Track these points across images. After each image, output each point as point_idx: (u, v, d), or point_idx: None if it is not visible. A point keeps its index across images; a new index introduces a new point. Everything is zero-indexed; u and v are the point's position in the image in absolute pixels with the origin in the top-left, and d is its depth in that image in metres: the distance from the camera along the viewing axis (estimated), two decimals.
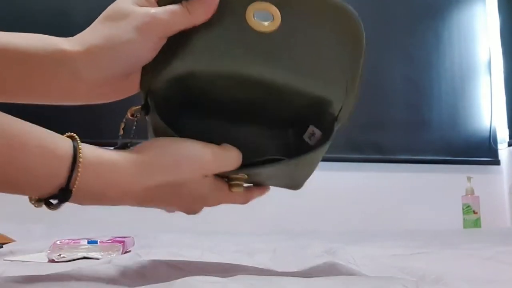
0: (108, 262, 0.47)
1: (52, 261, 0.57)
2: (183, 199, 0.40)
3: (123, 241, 0.54)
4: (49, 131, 0.34)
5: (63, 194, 0.33)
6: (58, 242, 0.57)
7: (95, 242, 0.51)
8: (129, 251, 0.62)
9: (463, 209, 1.93)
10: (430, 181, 2.14)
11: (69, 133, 0.35)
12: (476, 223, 1.88)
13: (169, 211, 0.44)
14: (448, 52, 2.28)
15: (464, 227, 1.90)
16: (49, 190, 0.33)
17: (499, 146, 2.24)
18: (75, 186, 0.33)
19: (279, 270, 0.50)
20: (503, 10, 2.35)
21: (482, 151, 2.22)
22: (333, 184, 2.01)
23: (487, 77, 2.30)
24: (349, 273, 0.48)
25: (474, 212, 1.89)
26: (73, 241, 0.56)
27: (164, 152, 0.37)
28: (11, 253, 0.66)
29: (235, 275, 0.44)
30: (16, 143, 0.31)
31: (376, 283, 0.34)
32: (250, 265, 0.51)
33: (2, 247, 0.72)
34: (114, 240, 0.55)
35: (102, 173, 0.34)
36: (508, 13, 2.32)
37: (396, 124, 2.18)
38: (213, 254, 0.57)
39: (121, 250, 0.58)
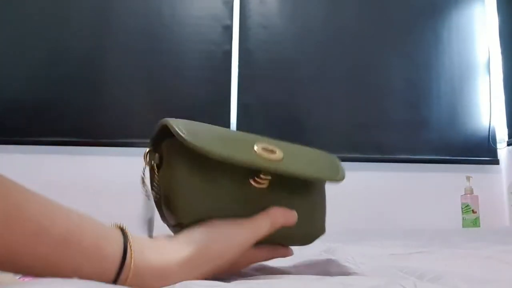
0: None
1: None
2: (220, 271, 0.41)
3: None
4: (98, 223, 0.34)
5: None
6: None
7: None
8: None
9: (462, 208, 1.93)
10: (429, 181, 2.14)
11: (119, 224, 0.35)
12: (475, 222, 1.88)
13: None
14: (447, 52, 2.28)
15: (463, 226, 1.90)
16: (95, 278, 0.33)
17: (498, 146, 2.24)
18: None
19: (278, 269, 0.50)
20: (502, 10, 2.35)
21: (481, 151, 2.22)
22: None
23: (486, 76, 2.30)
24: (348, 272, 0.48)
25: (473, 211, 1.89)
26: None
27: (208, 246, 0.38)
28: None
29: (233, 275, 0.44)
30: (73, 239, 0.31)
31: (375, 283, 0.34)
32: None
33: None
34: None
35: (149, 278, 0.35)
36: (507, 13, 2.32)
37: (395, 124, 2.18)
38: None
39: None
